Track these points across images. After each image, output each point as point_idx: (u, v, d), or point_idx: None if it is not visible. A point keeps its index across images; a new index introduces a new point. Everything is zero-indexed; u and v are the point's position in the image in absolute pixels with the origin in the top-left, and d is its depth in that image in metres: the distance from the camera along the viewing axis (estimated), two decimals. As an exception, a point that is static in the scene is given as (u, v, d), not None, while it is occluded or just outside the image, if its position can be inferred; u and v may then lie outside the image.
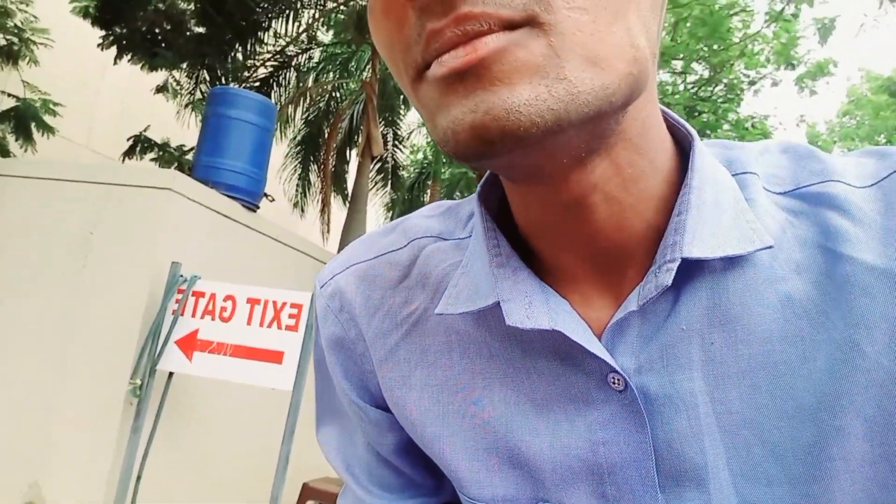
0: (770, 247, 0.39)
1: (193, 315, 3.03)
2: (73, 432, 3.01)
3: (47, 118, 6.18)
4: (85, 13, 7.91)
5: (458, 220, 0.53)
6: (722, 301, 0.40)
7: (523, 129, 0.31)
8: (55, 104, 6.36)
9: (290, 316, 2.92)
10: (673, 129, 0.44)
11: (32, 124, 5.96)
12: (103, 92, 9.46)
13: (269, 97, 8.27)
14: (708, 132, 11.24)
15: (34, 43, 6.21)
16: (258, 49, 8.00)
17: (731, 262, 0.40)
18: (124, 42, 8.07)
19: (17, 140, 6.00)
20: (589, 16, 0.32)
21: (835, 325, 0.38)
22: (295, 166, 8.92)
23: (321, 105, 8.74)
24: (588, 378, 0.42)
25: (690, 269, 0.40)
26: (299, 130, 8.84)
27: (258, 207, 3.93)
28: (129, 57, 8.06)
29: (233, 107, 3.85)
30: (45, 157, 7.75)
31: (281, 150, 9.35)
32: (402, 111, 10.19)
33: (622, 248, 0.42)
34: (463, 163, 0.34)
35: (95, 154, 9.24)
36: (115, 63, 7.76)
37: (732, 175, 0.44)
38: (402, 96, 9.09)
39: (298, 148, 8.90)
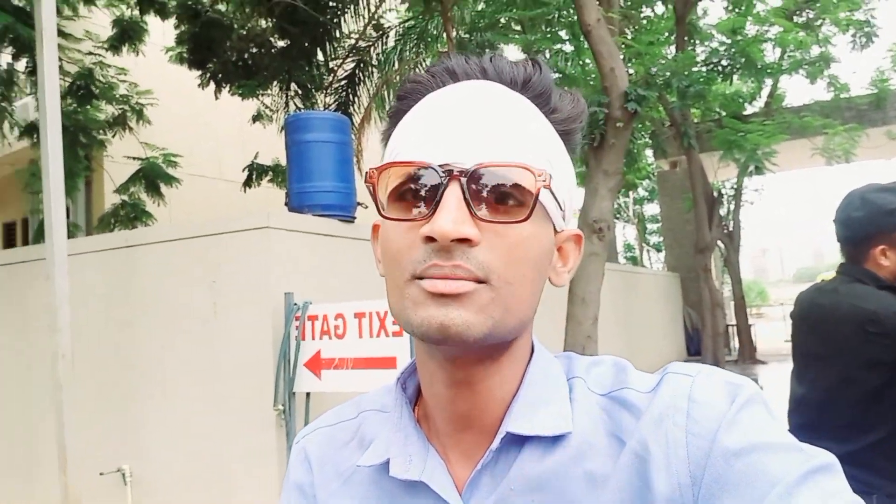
0: (569, 432, 0.58)
1: (313, 337, 3.29)
2: (241, 458, 3.42)
3: (170, 170, 6.79)
4: (180, 59, 8.49)
5: None
6: (542, 471, 0.57)
7: (467, 334, 0.53)
8: (174, 155, 6.97)
9: (394, 322, 3.09)
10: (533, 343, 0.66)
11: (159, 181, 6.57)
12: (220, 127, 10.21)
13: (356, 94, 8.51)
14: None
15: (142, 105, 6.81)
16: (335, 50, 8.21)
17: (552, 443, 0.58)
18: (220, 76, 8.57)
19: (149, 197, 6.68)
20: (512, 287, 0.55)
21: (624, 489, 0.55)
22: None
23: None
24: None
25: (521, 445, 0.58)
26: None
27: (354, 218, 4.13)
28: (227, 89, 8.56)
29: (308, 131, 4.04)
30: (185, 201, 8.57)
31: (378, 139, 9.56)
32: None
33: (486, 423, 0.61)
34: (422, 340, 0.56)
35: (228, 182, 10.00)
36: (216, 98, 8.29)
37: (568, 379, 0.63)
38: (479, 52, 8.93)
39: (396, 134, 9.09)
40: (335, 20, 8.26)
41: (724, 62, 10.66)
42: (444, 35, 7.98)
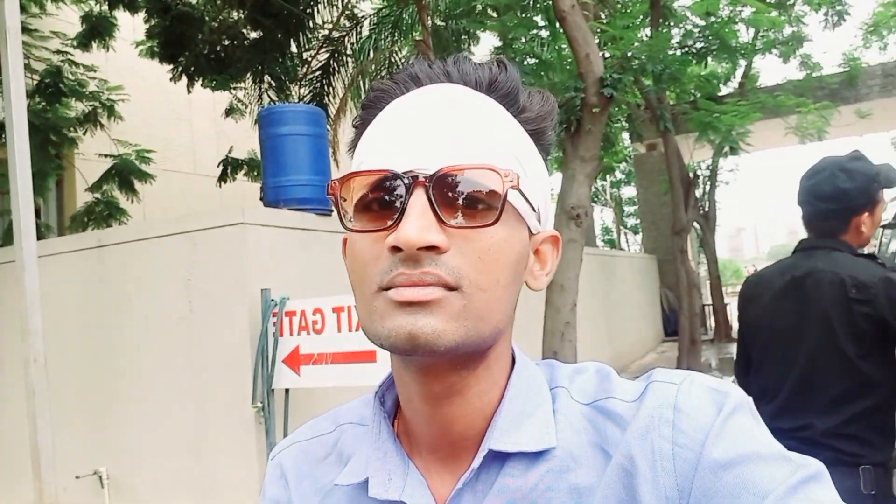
0: (553, 447, 0.57)
1: (291, 333, 3.28)
2: (220, 456, 3.41)
3: (144, 166, 6.70)
4: (151, 54, 8.35)
5: None
6: (525, 486, 0.56)
7: (437, 343, 0.51)
8: (148, 151, 6.87)
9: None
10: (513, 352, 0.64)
11: (132, 178, 6.47)
12: (194, 121, 10.08)
13: (331, 85, 8.44)
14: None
15: (113, 102, 6.70)
16: (309, 41, 8.12)
17: (536, 457, 0.57)
18: (192, 69, 8.43)
19: (123, 194, 6.59)
20: (485, 294, 0.54)
21: (608, 499, 0.54)
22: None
23: (382, 74, 8.81)
24: None
25: (504, 460, 0.57)
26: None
27: (331, 211, 4.10)
28: (200, 82, 8.43)
29: (283, 124, 4.01)
30: (160, 197, 8.46)
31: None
32: (463, 50, 10.02)
33: (467, 437, 0.59)
34: (391, 352, 0.55)
35: (203, 177, 9.90)
36: (188, 92, 8.18)
37: (550, 388, 0.62)
38: (455, 40, 8.92)
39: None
40: (308, 10, 8.17)
41: (698, 44, 10.71)
42: (419, 23, 7.92)
